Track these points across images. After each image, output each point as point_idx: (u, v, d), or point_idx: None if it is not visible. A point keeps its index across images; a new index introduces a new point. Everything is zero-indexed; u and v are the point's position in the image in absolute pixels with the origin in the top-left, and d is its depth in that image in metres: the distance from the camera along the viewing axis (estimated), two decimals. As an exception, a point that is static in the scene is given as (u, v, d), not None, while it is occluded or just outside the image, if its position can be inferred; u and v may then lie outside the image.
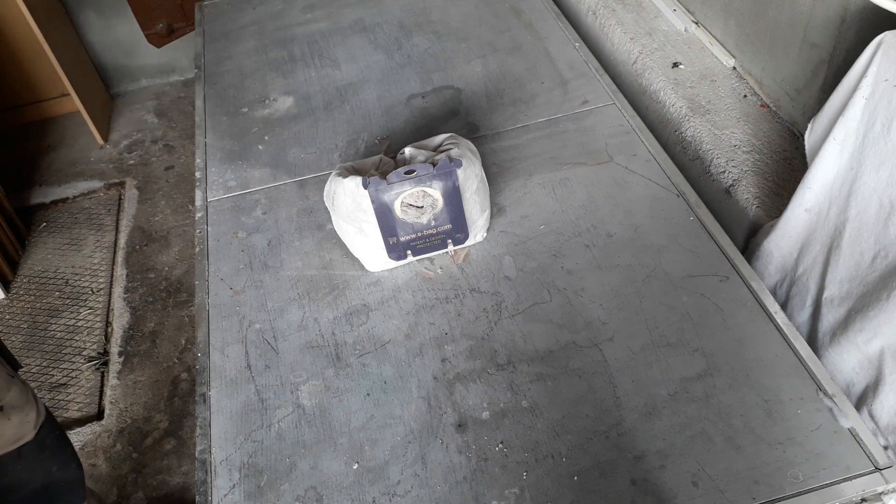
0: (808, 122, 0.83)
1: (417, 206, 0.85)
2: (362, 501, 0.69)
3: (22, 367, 0.98)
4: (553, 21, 1.29)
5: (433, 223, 0.87)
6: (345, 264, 0.91)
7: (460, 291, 0.86)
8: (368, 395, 0.77)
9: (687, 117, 1.10)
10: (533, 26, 1.28)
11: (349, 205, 0.85)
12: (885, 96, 0.71)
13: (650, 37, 1.25)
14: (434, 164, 0.84)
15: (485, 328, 0.82)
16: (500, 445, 0.72)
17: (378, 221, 0.84)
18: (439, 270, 0.89)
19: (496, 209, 0.95)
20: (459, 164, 0.84)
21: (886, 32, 0.71)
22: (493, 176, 1.00)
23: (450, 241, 0.89)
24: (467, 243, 0.91)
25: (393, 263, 0.89)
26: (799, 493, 0.66)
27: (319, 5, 1.40)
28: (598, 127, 1.06)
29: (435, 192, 0.85)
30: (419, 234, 0.87)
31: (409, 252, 0.88)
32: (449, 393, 0.77)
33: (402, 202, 0.84)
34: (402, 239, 0.86)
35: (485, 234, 0.92)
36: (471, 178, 0.86)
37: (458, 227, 0.88)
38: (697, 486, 0.68)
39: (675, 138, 1.12)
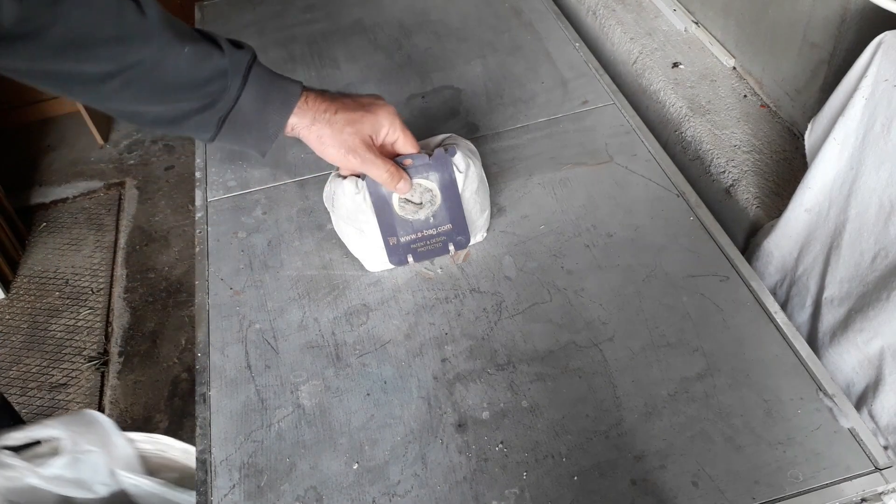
0: (808, 122, 0.83)
1: (416, 203, 0.85)
2: (362, 501, 0.69)
3: None
4: (553, 21, 1.29)
5: (432, 221, 0.86)
6: (345, 264, 0.91)
7: (460, 291, 0.86)
8: (368, 395, 0.77)
9: (687, 117, 1.10)
10: (533, 26, 1.28)
11: (348, 205, 0.85)
12: (885, 96, 0.71)
13: (650, 37, 1.25)
14: (430, 156, 0.83)
15: (485, 328, 0.82)
16: (500, 445, 0.72)
17: (377, 217, 0.84)
18: (439, 270, 0.89)
19: (496, 209, 0.95)
20: (454, 153, 0.84)
21: (886, 32, 0.71)
22: (493, 176, 1.00)
23: (451, 244, 0.88)
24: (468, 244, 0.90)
25: (392, 265, 0.89)
26: (799, 493, 0.66)
27: (319, 5, 1.40)
28: (598, 127, 1.06)
29: (432, 185, 0.84)
30: (419, 233, 0.86)
31: (410, 257, 0.87)
32: (449, 393, 0.77)
33: (401, 197, 0.84)
34: (402, 239, 0.86)
35: (485, 234, 0.92)
36: (471, 177, 0.86)
37: (458, 228, 0.87)
38: (697, 486, 0.68)
39: (675, 138, 1.12)
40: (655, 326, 0.80)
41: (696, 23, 1.22)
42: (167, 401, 1.55)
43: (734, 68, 1.15)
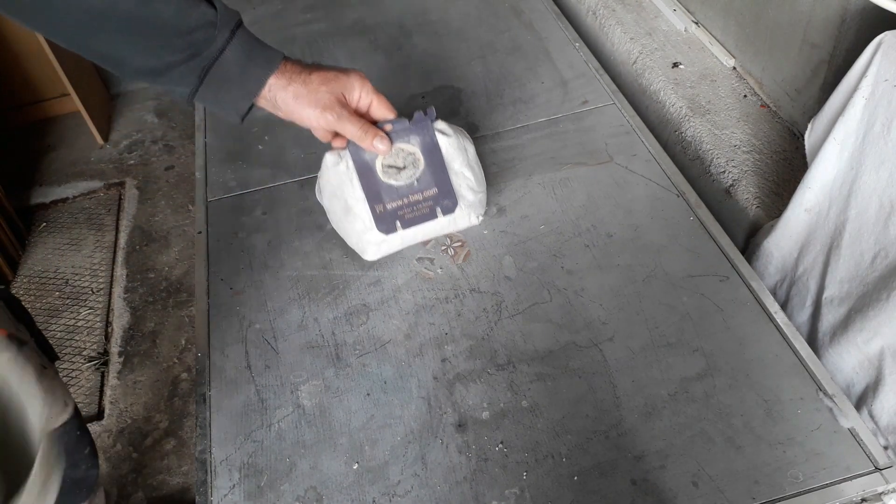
0: (808, 122, 0.83)
1: (398, 167, 0.84)
2: (362, 501, 0.69)
3: (59, 360, 0.95)
4: (553, 21, 1.29)
5: (416, 185, 0.86)
6: (345, 264, 0.91)
7: (460, 291, 0.86)
8: (368, 395, 0.77)
9: (687, 117, 1.10)
10: (533, 26, 1.28)
11: (333, 180, 0.85)
12: (885, 96, 0.71)
13: (650, 37, 1.25)
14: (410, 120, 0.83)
15: (485, 328, 0.82)
16: (500, 445, 0.72)
17: (362, 184, 0.84)
18: (439, 270, 0.89)
19: (496, 209, 0.95)
20: (434, 116, 0.84)
21: (886, 32, 0.71)
22: (493, 176, 1.00)
23: (438, 208, 0.88)
24: (460, 221, 0.90)
25: (387, 248, 0.88)
26: (799, 493, 0.67)
27: (319, 5, 1.40)
28: (598, 127, 1.06)
29: (414, 149, 0.84)
30: (405, 199, 0.86)
31: (398, 223, 0.87)
32: (449, 393, 0.77)
33: (383, 163, 0.84)
34: (388, 206, 0.85)
35: (479, 219, 0.92)
36: (457, 147, 0.86)
37: (444, 191, 0.87)
38: (697, 486, 0.68)
39: (675, 138, 1.12)
40: (655, 326, 0.80)
41: (696, 23, 1.22)
42: (167, 401, 1.55)
43: (734, 68, 1.15)
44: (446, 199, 0.87)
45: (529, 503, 0.68)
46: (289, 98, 0.75)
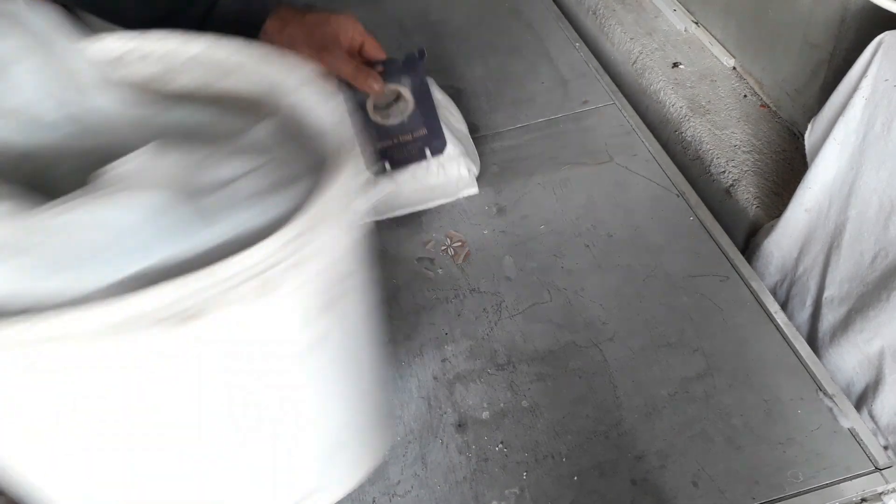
0: (808, 122, 0.83)
1: (390, 107, 0.86)
2: (362, 501, 0.69)
3: None
4: (553, 21, 1.29)
5: (406, 125, 0.87)
6: (345, 264, 0.91)
7: (460, 291, 0.86)
8: (368, 395, 0.77)
9: (687, 117, 1.10)
10: (533, 27, 1.28)
11: None
12: (886, 96, 0.71)
13: (650, 37, 1.25)
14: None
15: (485, 328, 0.82)
16: (500, 445, 0.72)
17: (354, 125, 0.85)
18: (439, 271, 0.89)
19: (496, 209, 0.95)
20: (425, 57, 0.85)
21: (886, 32, 0.71)
22: (493, 176, 1.00)
23: (427, 149, 0.89)
24: (449, 169, 0.91)
25: (374, 199, 0.89)
26: (799, 493, 0.66)
27: (319, 6, 1.40)
28: (598, 127, 1.06)
29: (405, 91, 0.85)
30: (395, 139, 0.87)
31: (386, 164, 0.88)
32: (449, 393, 0.77)
33: (375, 103, 0.85)
34: (378, 146, 0.87)
35: (474, 177, 0.94)
36: (442, 98, 0.90)
37: (433, 132, 0.88)
38: (697, 486, 0.68)
39: (675, 138, 1.12)
40: (655, 326, 0.80)
41: (696, 23, 1.22)
42: (167, 401, 1.56)
43: (734, 68, 1.15)
44: (436, 139, 0.88)
45: (529, 503, 0.68)
46: (285, 41, 0.76)
